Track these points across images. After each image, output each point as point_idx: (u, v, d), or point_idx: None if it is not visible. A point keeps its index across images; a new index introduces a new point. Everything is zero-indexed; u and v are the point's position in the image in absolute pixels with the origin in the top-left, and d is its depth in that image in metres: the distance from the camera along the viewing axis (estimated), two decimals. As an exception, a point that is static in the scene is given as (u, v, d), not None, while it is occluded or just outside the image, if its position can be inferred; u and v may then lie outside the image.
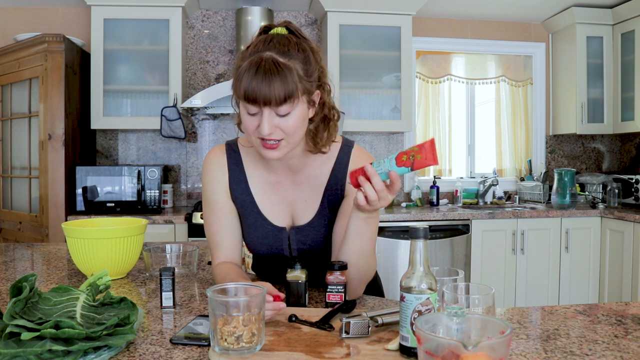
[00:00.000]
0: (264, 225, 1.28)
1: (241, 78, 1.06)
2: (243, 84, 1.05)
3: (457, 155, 4.23)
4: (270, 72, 1.04)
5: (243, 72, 1.06)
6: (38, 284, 1.37)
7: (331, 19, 3.53)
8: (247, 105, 1.07)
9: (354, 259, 1.15)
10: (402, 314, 0.85)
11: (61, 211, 3.08)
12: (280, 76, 1.04)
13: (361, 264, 1.16)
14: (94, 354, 0.85)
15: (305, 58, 1.10)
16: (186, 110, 3.52)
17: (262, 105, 1.05)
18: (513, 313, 1.12)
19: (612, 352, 0.89)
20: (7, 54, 3.27)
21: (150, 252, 1.47)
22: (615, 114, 3.84)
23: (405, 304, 0.84)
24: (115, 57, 3.37)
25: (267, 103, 1.05)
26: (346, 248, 1.15)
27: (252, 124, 1.09)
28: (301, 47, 1.11)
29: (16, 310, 0.87)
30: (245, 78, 1.05)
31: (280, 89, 1.04)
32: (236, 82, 1.08)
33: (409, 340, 0.83)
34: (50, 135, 3.06)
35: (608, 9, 3.79)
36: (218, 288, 0.90)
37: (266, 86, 1.03)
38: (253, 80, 1.04)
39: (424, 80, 4.11)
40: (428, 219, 3.35)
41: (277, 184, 1.28)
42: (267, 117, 1.07)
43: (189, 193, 3.80)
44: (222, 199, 1.28)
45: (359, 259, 1.15)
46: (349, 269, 1.14)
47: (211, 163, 1.30)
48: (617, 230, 3.41)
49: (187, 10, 3.53)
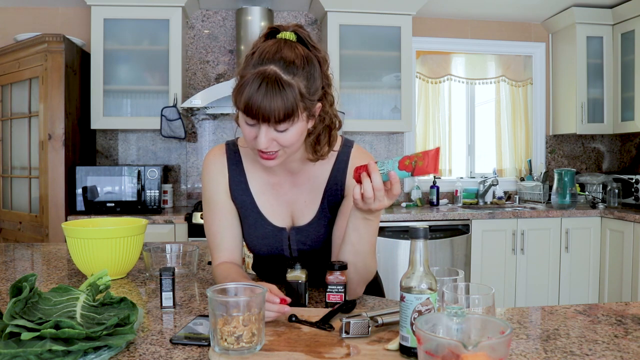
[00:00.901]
0: (264, 225, 1.28)
1: (243, 90, 1.05)
2: (244, 96, 1.04)
3: (457, 155, 4.23)
4: (272, 90, 1.02)
5: (246, 84, 1.05)
6: (38, 284, 1.37)
7: (331, 19, 3.53)
8: (246, 117, 1.07)
9: (353, 258, 1.14)
10: (402, 314, 0.85)
11: (61, 211, 3.08)
12: (282, 95, 1.03)
13: (360, 264, 1.16)
14: (94, 354, 0.85)
15: (309, 74, 1.08)
16: (186, 110, 3.52)
17: (260, 121, 1.05)
18: (513, 313, 1.12)
19: (612, 352, 0.89)
20: (7, 54, 3.27)
21: (150, 252, 1.47)
22: (615, 114, 3.84)
23: (405, 304, 0.84)
24: (115, 57, 3.37)
25: (265, 120, 1.04)
26: (345, 247, 1.15)
27: (250, 133, 1.10)
28: (308, 60, 1.08)
29: (16, 310, 0.87)
30: (247, 91, 1.04)
31: (280, 107, 1.03)
32: (237, 93, 1.07)
33: (409, 340, 0.83)
34: (50, 135, 3.06)
35: (608, 9, 3.79)
36: (218, 288, 0.90)
37: (267, 103, 1.02)
38: (255, 95, 1.03)
39: (424, 80, 4.11)
40: (428, 219, 3.35)
41: (276, 185, 1.28)
42: (265, 132, 1.07)
43: (189, 193, 3.80)
44: (222, 199, 1.28)
45: (358, 259, 1.15)
46: (348, 269, 1.14)
47: (211, 163, 1.30)
48: (617, 230, 3.41)
49: (187, 10, 3.53)
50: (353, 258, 1.14)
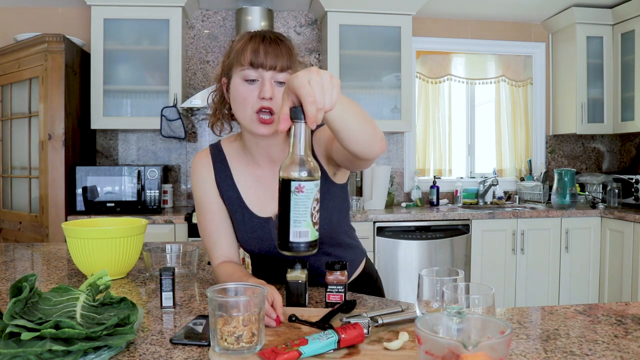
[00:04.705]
0: (251, 219, 1.28)
1: (245, 48, 1.14)
2: (250, 49, 1.13)
3: (457, 155, 4.23)
4: (276, 41, 1.15)
5: (245, 43, 1.15)
6: (38, 284, 1.37)
7: (331, 19, 3.53)
8: (248, 72, 1.14)
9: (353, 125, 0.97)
10: (298, 206, 0.76)
11: (61, 211, 3.08)
12: (285, 45, 1.16)
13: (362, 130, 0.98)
14: (94, 354, 0.85)
15: (291, 44, 1.20)
16: (186, 110, 3.52)
17: (267, 69, 1.13)
18: (513, 313, 1.12)
19: (612, 352, 0.89)
20: (7, 54, 3.27)
21: (150, 252, 1.47)
22: (615, 114, 3.84)
23: (304, 194, 0.76)
24: (115, 57, 3.37)
25: (272, 67, 1.13)
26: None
27: (251, 92, 1.15)
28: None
29: (16, 310, 0.87)
30: (252, 46, 1.14)
31: (286, 54, 1.14)
32: (240, 51, 1.15)
33: (309, 234, 0.77)
34: (50, 135, 3.06)
35: (608, 9, 3.79)
36: (218, 288, 0.90)
37: (273, 51, 1.13)
38: (261, 46, 1.13)
39: (424, 80, 4.11)
40: (428, 219, 3.35)
41: (261, 177, 1.29)
42: (269, 80, 1.14)
43: (189, 193, 3.80)
44: (213, 198, 1.30)
45: (356, 124, 0.97)
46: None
47: (197, 165, 1.33)
48: (617, 230, 3.41)
49: (187, 10, 3.53)
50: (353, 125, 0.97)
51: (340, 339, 0.85)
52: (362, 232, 3.20)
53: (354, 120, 0.94)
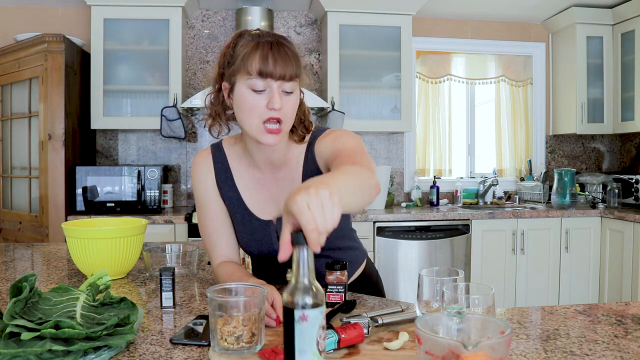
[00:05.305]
0: (252, 220, 1.28)
1: (252, 55, 1.09)
2: (258, 58, 1.09)
3: (457, 155, 4.23)
4: (285, 51, 1.11)
5: (253, 50, 1.10)
6: (38, 284, 1.37)
7: (331, 19, 3.53)
8: (256, 82, 1.10)
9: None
10: (303, 335, 0.71)
11: (61, 211, 3.08)
12: (293, 54, 1.12)
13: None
14: (94, 354, 0.85)
15: (295, 49, 1.17)
16: (186, 110, 3.52)
17: (276, 79, 1.09)
18: (513, 313, 1.12)
19: (612, 352, 0.89)
20: (7, 54, 3.27)
21: (150, 252, 1.47)
22: (615, 114, 3.84)
23: (309, 323, 0.71)
24: (115, 57, 3.37)
25: (282, 77, 1.09)
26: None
27: (258, 102, 1.11)
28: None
29: (16, 310, 0.87)
30: (260, 53, 1.09)
31: (294, 64, 1.11)
32: (245, 60, 1.10)
33: None
34: (50, 135, 3.06)
35: (608, 9, 3.79)
36: (218, 288, 0.89)
37: (282, 60, 1.09)
38: (269, 55, 1.09)
39: (424, 80, 4.11)
40: (428, 219, 3.35)
41: (261, 180, 1.29)
42: (277, 90, 1.11)
43: (189, 193, 3.80)
44: (213, 198, 1.30)
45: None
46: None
47: (198, 165, 1.32)
48: (617, 230, 3.41)
49: (187, 10, 3.53)
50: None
51: (340, 339, 0.85)
52: (362, 232, 3.20)
53: (353, 200, 0.91)
